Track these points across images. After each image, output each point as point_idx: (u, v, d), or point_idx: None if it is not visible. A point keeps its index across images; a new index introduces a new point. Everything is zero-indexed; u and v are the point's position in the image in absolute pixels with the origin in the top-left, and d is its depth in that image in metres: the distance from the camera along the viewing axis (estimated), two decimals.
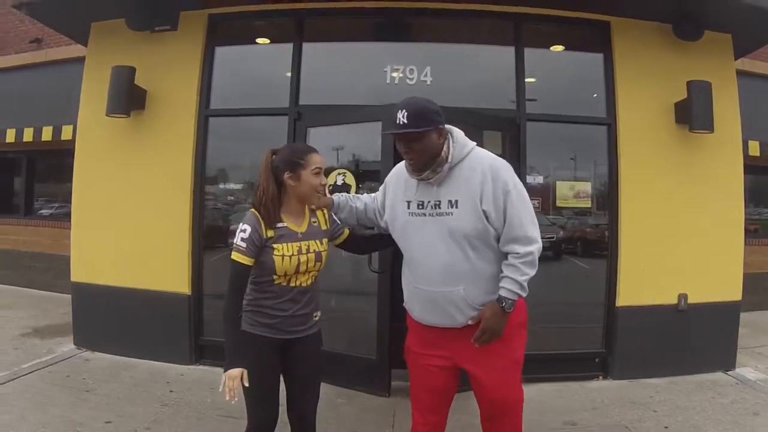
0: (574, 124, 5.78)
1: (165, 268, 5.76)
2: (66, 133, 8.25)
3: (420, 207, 2.68)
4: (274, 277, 2.79)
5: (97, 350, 5.94)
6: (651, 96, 5.83)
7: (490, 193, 2.56)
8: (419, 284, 2.71)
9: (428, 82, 5.71)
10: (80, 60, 6.45)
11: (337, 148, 5.72)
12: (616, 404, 5.05)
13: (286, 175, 2.78)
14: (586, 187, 5.95)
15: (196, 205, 5.81)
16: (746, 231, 6.22)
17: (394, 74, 5.77)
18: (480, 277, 2.62)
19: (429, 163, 2.60)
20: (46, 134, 8.76)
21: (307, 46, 5.86)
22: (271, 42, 6.13)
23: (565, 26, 6.01)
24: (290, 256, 2.77)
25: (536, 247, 2.61)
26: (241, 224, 2.75)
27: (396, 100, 5.48)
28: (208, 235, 6.08)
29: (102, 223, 5.97)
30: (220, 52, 6.04)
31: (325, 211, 3.03)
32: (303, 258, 2.81)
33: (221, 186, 6.29)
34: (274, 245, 2.74)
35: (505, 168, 2.65)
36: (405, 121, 2.51)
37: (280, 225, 2.78)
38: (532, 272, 2.61)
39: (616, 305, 5.72)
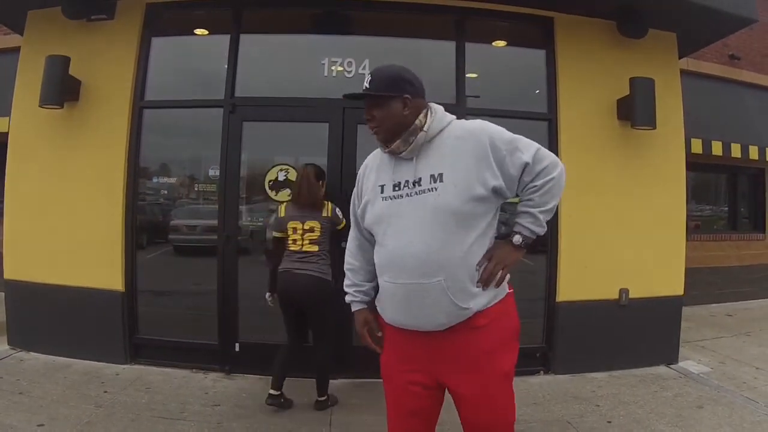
0: (514, 119, 5.71)
1: (98, 264, 5.58)
2: (2, 125, 7.96)
3: (396, 188, 2.35)
4: None
5: (32, 350, 5.74)
6: (593, 92, 5.87)
7: (492, 158, 2.28)
8: (393, 278, 2.33)
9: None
10: (18, 50, 6.21)
11: (274, 142, 5.77)
12: (558, 399, 5.05)
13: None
14: None
15: (129, 200, 5.64)
16: (687, 227, 6.28)
17: (332, 67, 5.69)
18: (466, 266, 2.28)
19: (396, 132, 2.33)
20: None
21: (244, 38, 5.74)
22: (209, 33, 5.99)
23: (508, 21, 5.99)
24: None
25: (557, 172, 2.37)
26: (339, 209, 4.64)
27: (333, 93, 5.52)
28: (144, 230, 5.94)
29: (35, 217, 5.76)
30: (157, 42, 5.87)
31: None
32: None
33: (155, 180, 6.12)
34: None
35: (493, 127, 2.37)
36: (367, 85, 2.32)
37: None
38: (553, 202, 2.40)
39: (557, 300, 5.76)
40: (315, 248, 4.51)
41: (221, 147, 5.55)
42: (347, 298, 2.64)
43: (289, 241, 4.56)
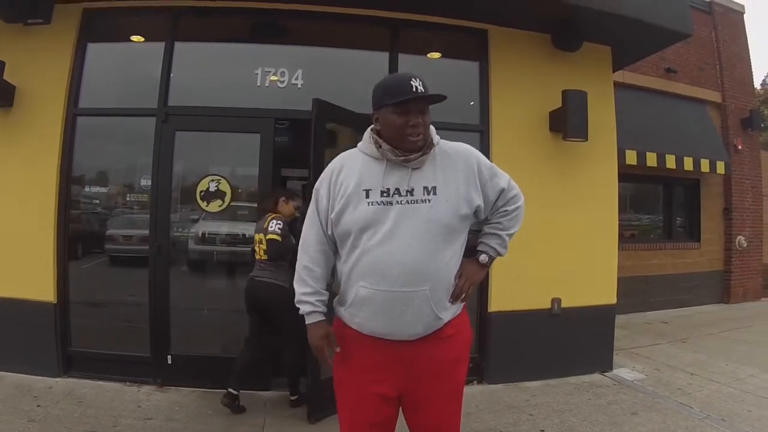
0: (447, 131, 5.75)
1: (29, 275, 5.44)
2: None
3: (384, 195, 2.35)
4: None
5: None
6: (526, 104, 5.97)
7: (478, 179, 2.44)
8: (373, 284, 2.32)
9: (299, 86, 5.66)
10: None
11: (207, 152, 5.71)
12: (491, 409, 5.09)
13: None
14: None
15: (62, 209, 5.53)
16: (623, 236, 6.41)
17: (266, 77, 5.69)
18: (447, 277, 2.38)
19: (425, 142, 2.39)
20: None
21: (179, 46, 5.69)
22: (145, 40, 5.90)
23: (443, 33, 6.06)
24: None
25: (521, 201, 2.60)
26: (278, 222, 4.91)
27: (266, 103, 5.53)
28: (79, 240, 5.82)
29: None
30: (93, 48, 5.78)
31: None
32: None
33: (89, 189, 5.99)
34: None
35: (476, 151, 2.55)
36: (423, 88, 2.31)
37: None
38: (517, 227, 2.60)
39: (489, 311, 5.81)
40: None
41: (153, 156, 5.50)
42: (305, 309, 2.49)
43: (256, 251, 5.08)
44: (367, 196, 2.36)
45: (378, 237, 2.31)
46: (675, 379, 5.93)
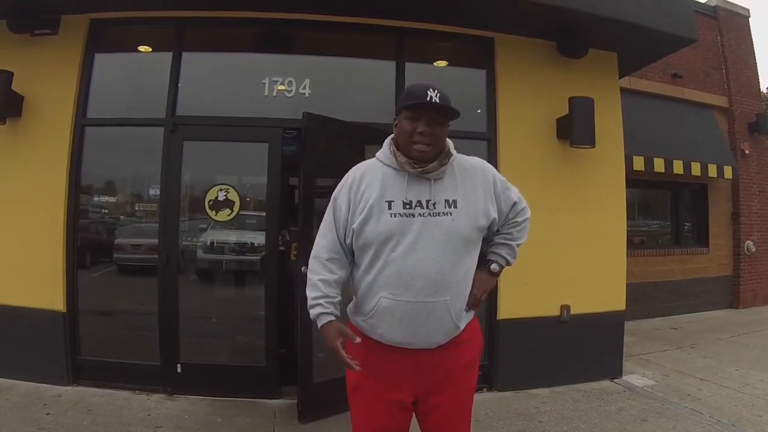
0: (453, 139, 5.76)
1: (38, 283, 5.46)
2: None
3: (407, 207, 2.38)
4: None
5: None
6: (533, 111, 5.97)
7: (494, 193, 2.53)
8: (396, 295, 2.36)
9: (306, 95, 5.67)
10: None
11: (215, 161, 5.74)
12: (501, 416, 5.07)
13: None
14: None
15: (70, 218, 5.54)
16: (631, 242, 6.39)
17: (273, 86, 5.70)
18: (466, 287, 2.45)
19: (439, 153, 2.41)
20: None
21: (186, 56, 5.71)
22: (153, 50, 5.93)
23: (449, 42, 6.09)
24: None
25: (529, 214, 2.70)
26: None
27: (273, 112, 5.55)
28: (88, 249, 5.83)
29: None
30: (101, 58, 5.81)
31: None
32: None
33: (98, 198, 6.01)
34: None
35: (492, 166, 2.65)
36: (438, 100, 2.33)
37: None
38: (525, 238, 2.69)
39: (498, 318, 5.80)
40: None
41: (161, 166, 5.50)
42: (316, 311, 2.46)
43: None
44: (390, 208, 2.39)
45: (401, 248, 2.35)
46: (685, 384, 5.91)
